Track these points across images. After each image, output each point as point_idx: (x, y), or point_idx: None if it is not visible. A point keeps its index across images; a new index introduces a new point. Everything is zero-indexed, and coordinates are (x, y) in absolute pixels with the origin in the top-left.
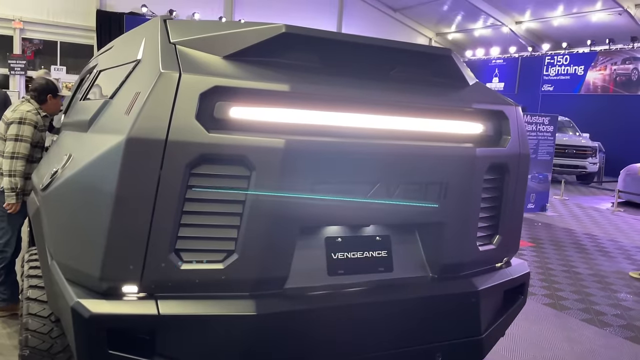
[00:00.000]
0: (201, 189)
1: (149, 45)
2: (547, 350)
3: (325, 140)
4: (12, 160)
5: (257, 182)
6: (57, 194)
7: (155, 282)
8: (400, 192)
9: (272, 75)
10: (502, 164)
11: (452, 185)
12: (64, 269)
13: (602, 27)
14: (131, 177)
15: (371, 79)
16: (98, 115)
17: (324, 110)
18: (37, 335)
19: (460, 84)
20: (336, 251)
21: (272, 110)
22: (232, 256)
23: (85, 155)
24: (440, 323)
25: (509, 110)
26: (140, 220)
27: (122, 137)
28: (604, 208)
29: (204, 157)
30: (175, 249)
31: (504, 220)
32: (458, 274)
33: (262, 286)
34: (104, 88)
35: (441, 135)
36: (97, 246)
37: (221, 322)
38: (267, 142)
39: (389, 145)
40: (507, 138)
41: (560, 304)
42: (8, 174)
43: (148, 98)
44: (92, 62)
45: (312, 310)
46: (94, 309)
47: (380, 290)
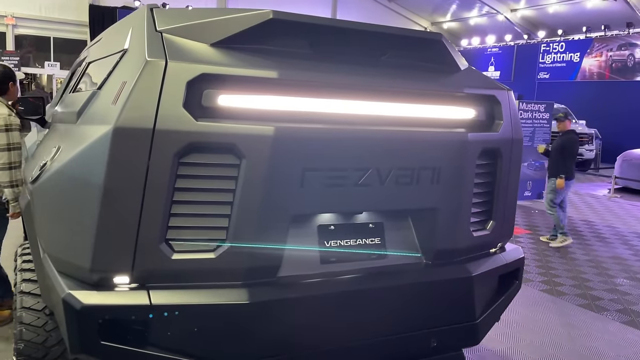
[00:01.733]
0: (191, 178)
1: (135, 35)
2: (544, 336)
3: (315, 127)
4: (11, 171)
5: (247, 170)
6: (46, 187)
7: (146, 272)
8: (393, 178)
9: (260, 62)
10: (494, 149)
11: (445, 171)
12: (56, 262)
13: (597, 14)
14: (119, 168)
15: (361, 65)
16: (86, 107)
17: (313, 97)
18: (32, 328)
19: (452, 69)
20: (329, 239)
21: (261, 98)
22: (224, 245)
23: (74, 147)
24: (434, 309)
25: (501, 94)
26: (130, 210)
27: (109, 127)
28: (601, 194)
29: (192, 145)
30: (166, 239)
31: (497, 205)
32: (452, 260)
33: (255, 275)
34: (93, 79)
35: (433, 121)
36: (87, 237)
37: (214, 311)
38: (256, 130)
39: (380, 132)
40: (499, 123)
41: (557, 290)
42: (9, 184)
43: (134, 87)
44: (83, 54)
45: (305, 298)
46: (85, 300)
47: (374, 277)
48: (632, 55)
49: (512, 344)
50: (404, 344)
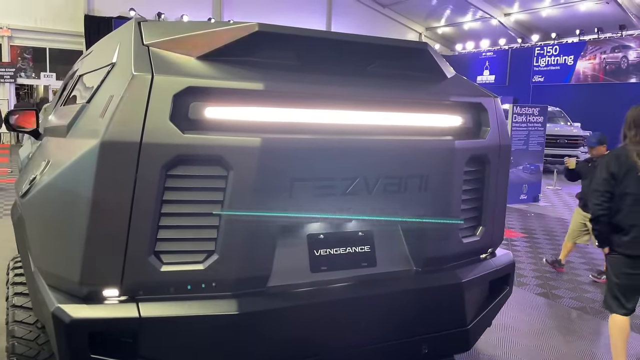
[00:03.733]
0: (178, 190)
1: (123, 48)
2: (540, 340)
3: (302, 138)
4: None
5: (235, 181)
6: (35, 200)
7: (135, 284)
8: (381, 186)
9: (246, 74)
10: (482, 156)
11: (433, 179)
12: (46, 275)
13: (590, 16)
14: (107, 181)
15: (347, 75)
16: (76, 120)
17: (300, 108)
18: (24, 342)
19: (438, 77)
20: (318, 248)
21: (248, 109)
22: (213, 256)
23: (62, 161)
24: (425, 315)
25: (487, 101)
26: (118, 223)
27: (97, 141)
28: None
29: (179, 158)
30: (154, 251)
31: (486, 211)
32: (442, 267)
33: (244, 285)
34: (83, 93)
35: (420, 129)
36: (76, 251)
37: (203, 322)
38: (243, 142)
39: (366, 141)
40: (486, 129)
41: (552, 294)
42: None
43: (121, 101)
44: (75, 66)
45: (296, 308)
46: (74, 314)
47: (364, 285)
48: (626, 58)
49: (507, 349)
50: (395, 351)
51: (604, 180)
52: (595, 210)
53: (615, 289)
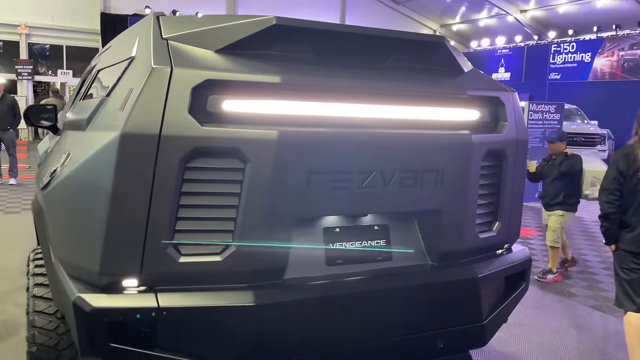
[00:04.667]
0: (197, 182)
1: (142, 42)
2: (555, 338)
3: (319, 131)
4: None
5: (252, 174)
6: (56, 192)
7: (154, 275)
8: (397, 180)
9: (264, 67)
10: (499, 150)
11: (449, 173)
12: (66, 266)
13: (608, 13)
14: (127, 173)
15: (365, 69)
16: (95, 114)
17: (317, 101)
18: (44, 332)
19: (455, 71)
20: (334, 241)
21: (265, 102)
22: (230, 248)
23: (83, 153)
24: (440, 310)
25: (505, 96)
26: (138, 215)
27: (117, 133)
28: None
29: (198, 150)
30: (173, 243)
31: (503, 206)
32: (458, 262)
33: (261, 277)
34: (102, 87)
35: (437, 123)
36: (96, 242)
37: (220, 313)
38: (261, 134)
39: (383, 134)
40: (503, 124)
41: (568, 292)
42: None
43: (141, 93)
44: (93, 62)
45: (312, 300)
46: (94, 303)
47: (380, 279)
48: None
49: (522, 346)
50: (410, 345)
51: (613, 179)
52: (605, 208)
53: (625, 285)
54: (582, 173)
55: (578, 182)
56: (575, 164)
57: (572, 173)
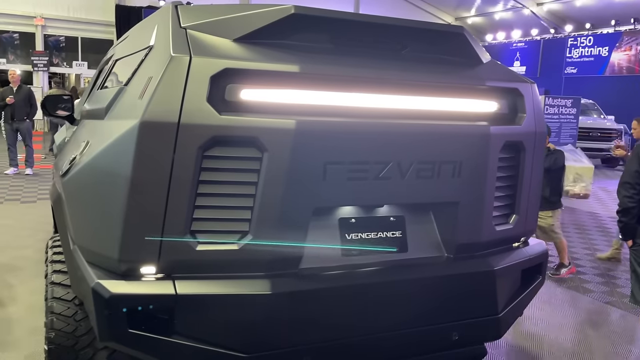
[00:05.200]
0: (214, 171)
1: (161, 31)
2: (570, 333)
3: (337, 121)
4: None
5: (269, 163)
6: (75, 180)
7: (172, 263)
8: (414, 171)
9: (282, 56)
10: (517, 142)
11: (467, 164)
12: (85, 253)
13: (626, 6)
14: (146, 160)
15: (383, 59)
16: (114, 103)
17: (335, 91)
18: (62, 318)
19: (474, 61)
20: (350, 232)
21: (283, 92)
22: (247, 237)
23: (102, 141)
24: (456, 302)
25: (524, 87)
26: (156, 202)
27: (136, 121)
28: None
29: (216, 139)
30: (190, 231)
31: (520, 199)
32: (474, 254)
33: (277, 266)
34: (120, 76)
35: (455, 114)
36: (115, 229)
37: (236, 301)
38: (278, 124)
39: (401, 125)
40: (522, 116)
41: (583, 287)
42: None
43: (160, 82)
44: (109, 53)
45: (327, 290)
46: (113, 289)
47: (395, 270)
48: None
49: (537, 341)
50: (425, 337)
51: (635, 172)
52: (625, 202)
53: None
54: (564, 169)
55: (561, 178)
56: (558, 159)
57: (555, 169)
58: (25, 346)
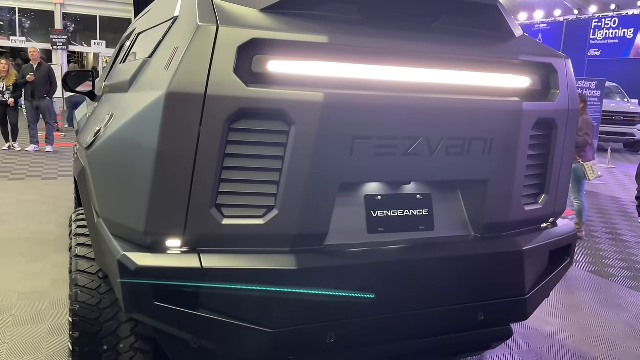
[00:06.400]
0: (240, 145)
1: (186, 1)
2: (591, 317)
3: (365, 94)
4: None
5: (296, 137)
6: (100, 152)
7: (197, 236)
8: (443, 148)
9: (310, 27)
10: (550, 120)
11: (497, 141)
12: (110, 225)
13: None
14: (172, 132)
15: (413, 31)
16: (138, 75)
17: (364, 63)
18: (86, 290)
19: (507, 35)
20: (376, 209)
21: (311, 64)
22: (272, 212)
23: (127, 113)
24: (482, 282)
25: (558, 63)
26: (182, 175)
27: (162, 92)
28: None
29: (242, 111)
30: (216, 204)
31: (551, 179)
32: (501, 234)
33: (302, 242)
34: (143, 49)
35: (486, 89)
36: (141, 201)
37: (262, 276)
38: (306, 96)
39: (431, 100)
40: (555, 92)
41: (605, 271)
42: None
43: (186, 52)
44: (130, 28)
45: (352, 267)
46: (139, 262)
47: (421, 248)
48: None
49: (558, 324)
50: (450, 316)
51: None
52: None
53: None
54: None
55: None
56: None
57: None
58: (49, 319)
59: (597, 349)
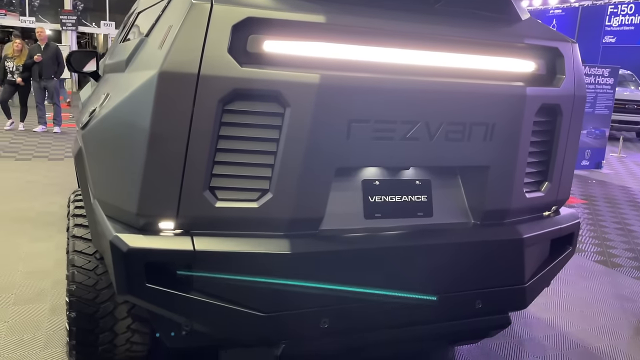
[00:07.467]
0: (234, 126)
1: None
2: (596, 307)
3: (363, 76)
4: None
5: (291, 119)
6: (94, 132)
7: (190, 218)
8: (443, 133)
9: (307, 6)
10: (554, 106)
11: (499, 127)
12: (104, 206)
13: None
14: (164, 112)
15: (414, 12)
16: (134, 54)
17: (362, 45)
18: (83, 271)
19: (512, 18)
20: (373, 194)
21: (307, 44)
22: (267, 195)
23: (121, 93)
24: (481, 270)
25: (564, 47)
26: (175, 156)
27: (155, 72)
28: None
29: (236, 92)
30: (210, 187)
31: (554, 166)
32: (502, 221)
33: (297, 226)
34: (141, 28)
35: (489, 73)
36: (133, 182)
37: (255, 260)
38: (302, 78)
39: (431, 83)
40: (561, 77)
41: (612, 262)
42: None
43: (180, 30)
44: (134, 6)
45: (347, 253)
46: (131, 243)
47: (419, 235)
48: None
49: (561, 314)
50: (447, 304)
51: None
52: None
53: None
54: None
55: None
56: None
57: None
58: (50, 298)
59: (601, 339)
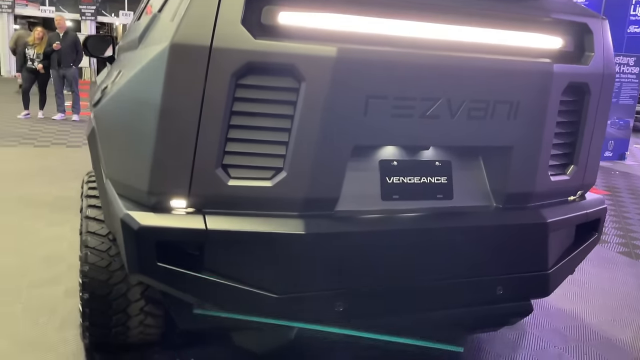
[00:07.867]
0: (248, 102)
1: None
2: (619, 298)
3: (382, 50)
4: None
5: (307, 95)
6: (106, 109)
7: (202, 197)
8: (465, 111)
9: None
10: (582, 84)
11: (524, 105)
12: (116, 185)
13: None
14: (176, 87)
15: None
16: (147, 30)
17: (381, 17)
18: (96, 252)
19: None
20: (391, 175)
21: (324, 16)
22: (281, 174)
23: (133, 69)
24: (502, 255)
25: (594, 23)
26: (186, 132)
27: (166, 44)
28: None
29: (250, 65)
30: (222, 164)
31: (580, 149)
32: (525, 205)
33: (312, 207)
34: (154, 4)
35: (514, 49)
36: (145, 160)
37: (268, 239)
38: (318, 51)
39: (453, 58)
40: (590, 55)
41: (635, 253)
42: None
43: (192, 2)
44: None
45: (363, 234)
46: (142, 221)
47: (438, 217)
48: None
49: (583, 305)
50: (466, 289)
51: None
52: None
53: None
54: None
55: None
56: None
57: None
58: (65, 281)
59: (624, 330)
